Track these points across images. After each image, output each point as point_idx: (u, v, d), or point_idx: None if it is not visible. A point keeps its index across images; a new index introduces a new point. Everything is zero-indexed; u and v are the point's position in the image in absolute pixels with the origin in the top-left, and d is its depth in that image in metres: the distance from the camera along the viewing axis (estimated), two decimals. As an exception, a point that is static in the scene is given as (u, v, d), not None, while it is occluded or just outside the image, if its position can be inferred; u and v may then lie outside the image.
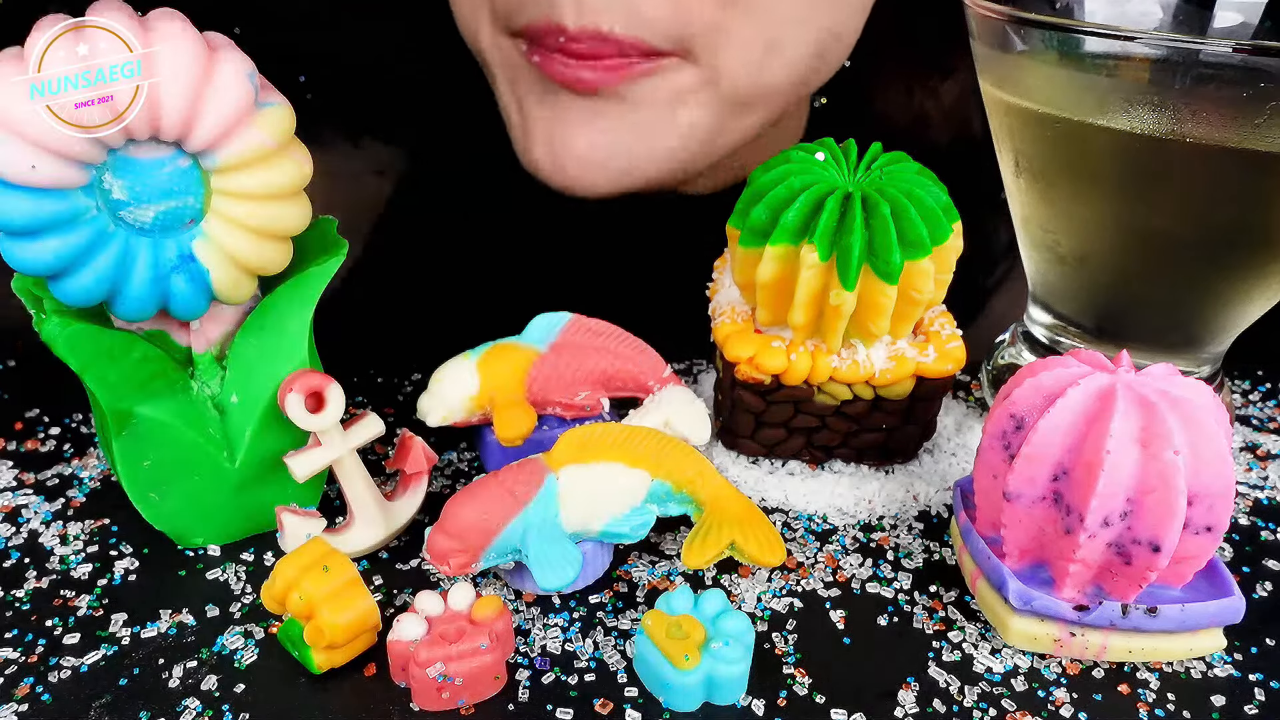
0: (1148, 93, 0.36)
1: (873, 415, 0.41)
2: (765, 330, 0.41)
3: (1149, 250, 0.41)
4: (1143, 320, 0.43)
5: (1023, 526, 0.33)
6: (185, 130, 0.31)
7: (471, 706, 0.32)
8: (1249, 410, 0.49)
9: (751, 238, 0.38)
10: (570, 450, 0.36)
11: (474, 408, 0.41)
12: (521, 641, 0.34)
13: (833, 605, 0.36)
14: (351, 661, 0.33)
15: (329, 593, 0.32)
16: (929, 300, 0.38)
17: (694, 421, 0.41)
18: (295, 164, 0.33)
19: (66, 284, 0.32)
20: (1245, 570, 0.39)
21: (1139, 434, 0.31)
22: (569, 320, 0.42)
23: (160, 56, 0.29)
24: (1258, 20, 0.43)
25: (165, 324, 0.36)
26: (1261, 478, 0.44)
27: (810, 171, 0.38)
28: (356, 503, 0.37)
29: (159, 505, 0.37)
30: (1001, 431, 0.34)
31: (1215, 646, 0.34)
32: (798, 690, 0.33)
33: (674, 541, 0.39)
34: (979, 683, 0.33)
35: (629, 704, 0.32)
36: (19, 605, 0.35)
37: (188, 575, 0.37)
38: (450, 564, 0.34)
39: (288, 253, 0.35)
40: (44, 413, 0.46)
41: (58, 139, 0.29)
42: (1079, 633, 0.33)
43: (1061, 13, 0.45)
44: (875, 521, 0.41)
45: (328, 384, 0.36)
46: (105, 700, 0.32)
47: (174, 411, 0.36)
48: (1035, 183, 0.42)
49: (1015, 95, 0.40)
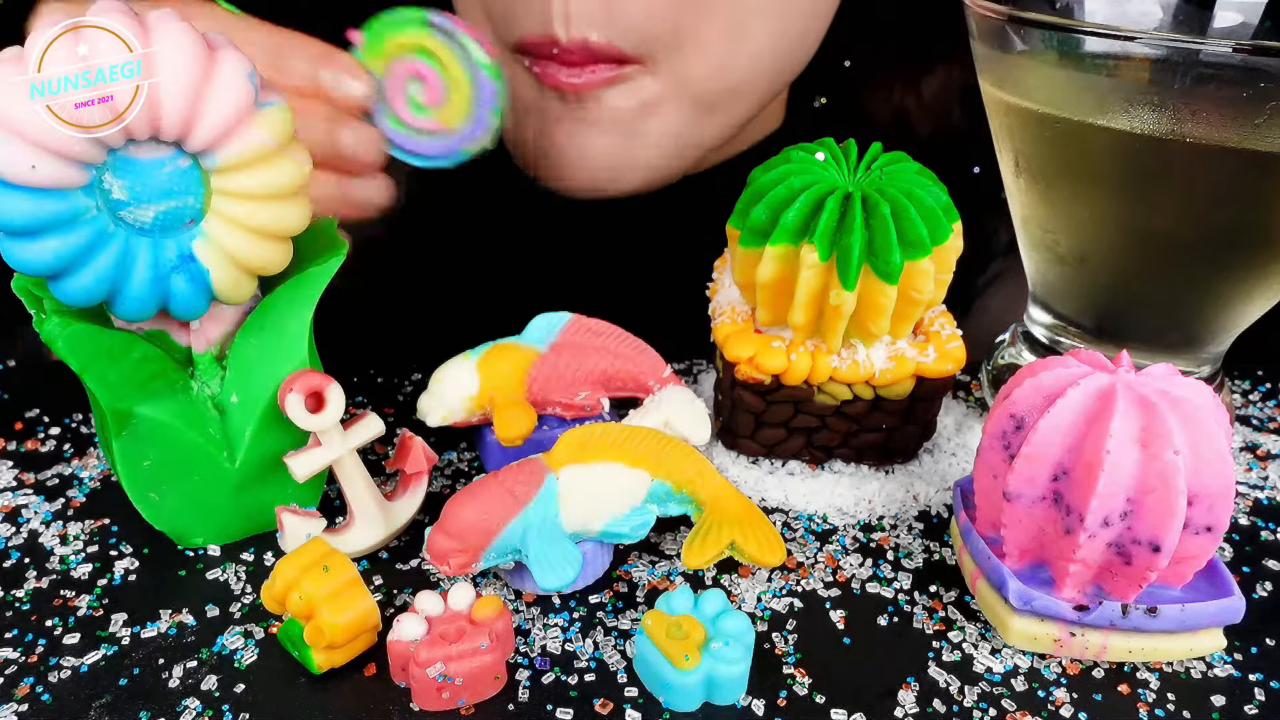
0: (1148, 93, 0.36)
1: (873, 415, 0.41)
2: (765, 330, 0.41)
3: (1149, 250, 0.41)
4: (1143, 320, 0.43)
5: (1023, 526, 0.33)
6: (185, 130, 0.31)
7: (471, 706, 0.32)
8: (1249, 410, 0.49)
9: (751, 238, 0.38)
10: (570, 450, 0.36)
11: (474, 408, 0.41)
12: (521, 641, 0.34)
13: (833, 605, 0.36)
14: (351, 661, 0.33)
15: (329, 593, 0.32)
16: (929, 300, 0.38)
17: (694, 421, 0.41)
18: (295, 164, 0.33)
19: (66, 284, 0.32)
20: (1245, 570, 0.39)
21: (1139, 434, 0.31)
22: (569, 320, 0.42)
23: (160, 56, 0.29)
24: (1258, 20, 0.43)
25: (165, 324, 0.36)
26: (1261, 478, 0.44)
27: (810, 171, 0.38)
28: (356, 503, 0.37)
29: (159, 505, 0.37)
30: (1001, 431, 0.34)
31: (1215, 646, 0.34)
32: (798, 690, 0.33)
33: (674, 541, 0.39)
34: (979, 683, 0.33)
35: (629, 704, 0.32)
36: (19, 605, 0.35)
37: (188, 575, 0.37)
38: (450, 564, 0.34)
39: (288, 253, 0.35)
40: (44, 413, 0.46)
41: (58, 139, 0.29)
42: (1079, 633, 0.33)
43: (1061, 13, 0.45)
44: (875, 521, 0.41)
45: (328, 384, 0.36)
46: (105, 700, 0.32)
47: (174, 411, 0.36)
48: (1035, 183, 0.42)
49: (1015, 95, 0.40)
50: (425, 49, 0.41)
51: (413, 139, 0.42)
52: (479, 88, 0.41)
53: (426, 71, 0.41)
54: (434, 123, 0.41)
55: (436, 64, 0.41)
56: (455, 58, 0.40)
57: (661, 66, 0.48)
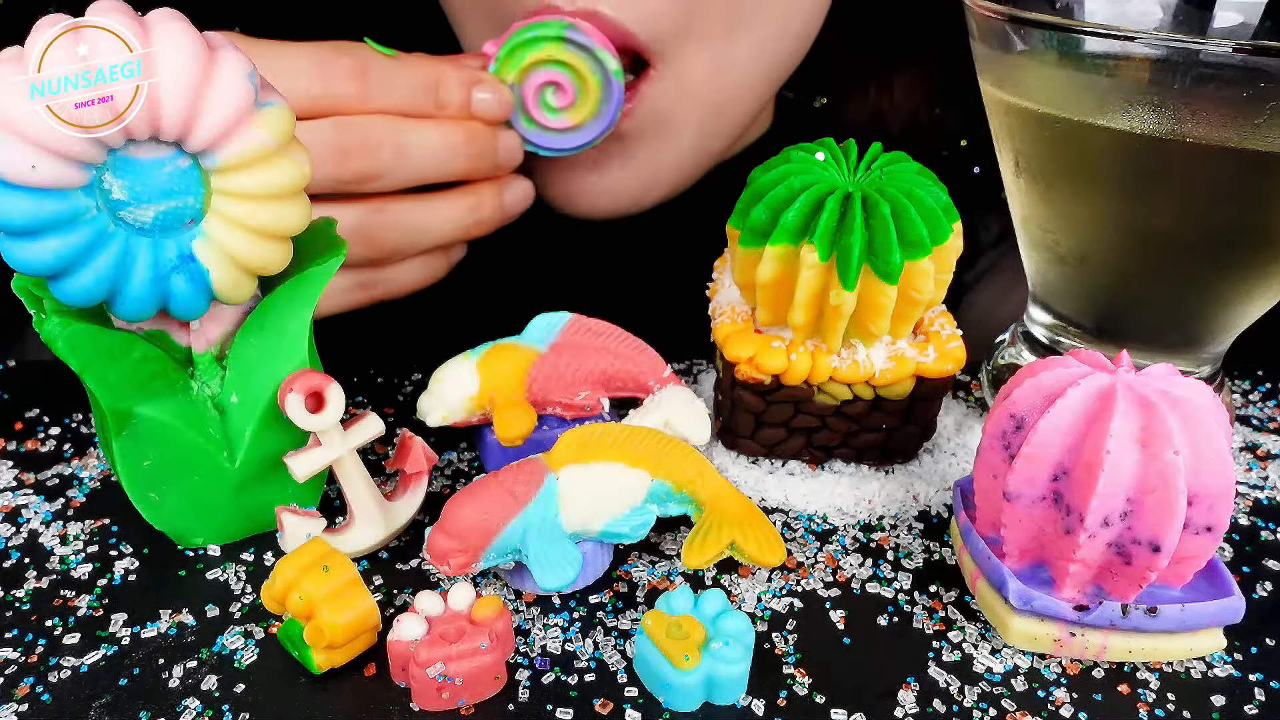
0: (1148, 93, 0.36)
1: (873, 415, 0.41)
2: (765, 330, 0.41)
3: (1149, 250, 0.41)
4: (1143, 320, 0.43)
5: (1023, 526, 0.33)
6: (185, 130, 0.31)
7: (471, 706, 0.32)
8: (1249, 410, 0.49)
9: (751, 238, 0.38)
10: (570, 450, 0.36)
11: (474, 408, 0.41)
12: (521, 641, 0.34)
13: (833, 605, 0.36)
14: (351, 661, 0.33)
15: (329, 593, 0.32)
16: (929, 300, 0.38)
17: (694, 421, 0.41)
18: (295, 164, 0.33)
19: (66, 284, 0.32)
20: (1245, 570, 0.39)
21: (1139, 434, 0.31)
22: (569, 320, 0.42)
23: (160, 56, 0.29)
24: (1258, 20, 0.43)
25: (165, 324, 0.36)
26: (1261, 478, 0.44)
27: (810, 171, 0.38)
28: (356, 503, 0.37)
29: (159, 505, 0.37)
30: (1001, 431, 0.34)
31: (1215, 646, 0.34)
32: (798, 690, 0.33)
33: (674, 541, 0.39)
34: (979, 683, 0.33)
35: (629, 704, 0.32)
36: (19, 605, 0.35)
37: (188, 575, 0.37)
38: (450, 564, 0.34)
39: (288, 253, 0.35)
40: (44, 413, 0.46)
41: (58, 139, 0.29)
42: (1079, 633, 0.33)
43: (1061, 13, 0.45)
44: (875, 521, 0.41)
45: (328, 384, 0.36)
46: (105, 700, 0.32)
47: (174, 411, 0.36)
48: (1035, 183, 0.42)
49: (1015, 95, 0.40)
50: (561, 61, 0.44)
51: (544, 135, 0.46)
52: (609, 90, 0.45)
53: (562, 80, 0.44)
54: (566, 121, 0.46)
55: (571, 72, 0.44)
56: (589, 67, 0.44)
57: (668, 67, 0.47)
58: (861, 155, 0.39)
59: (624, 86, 0.45)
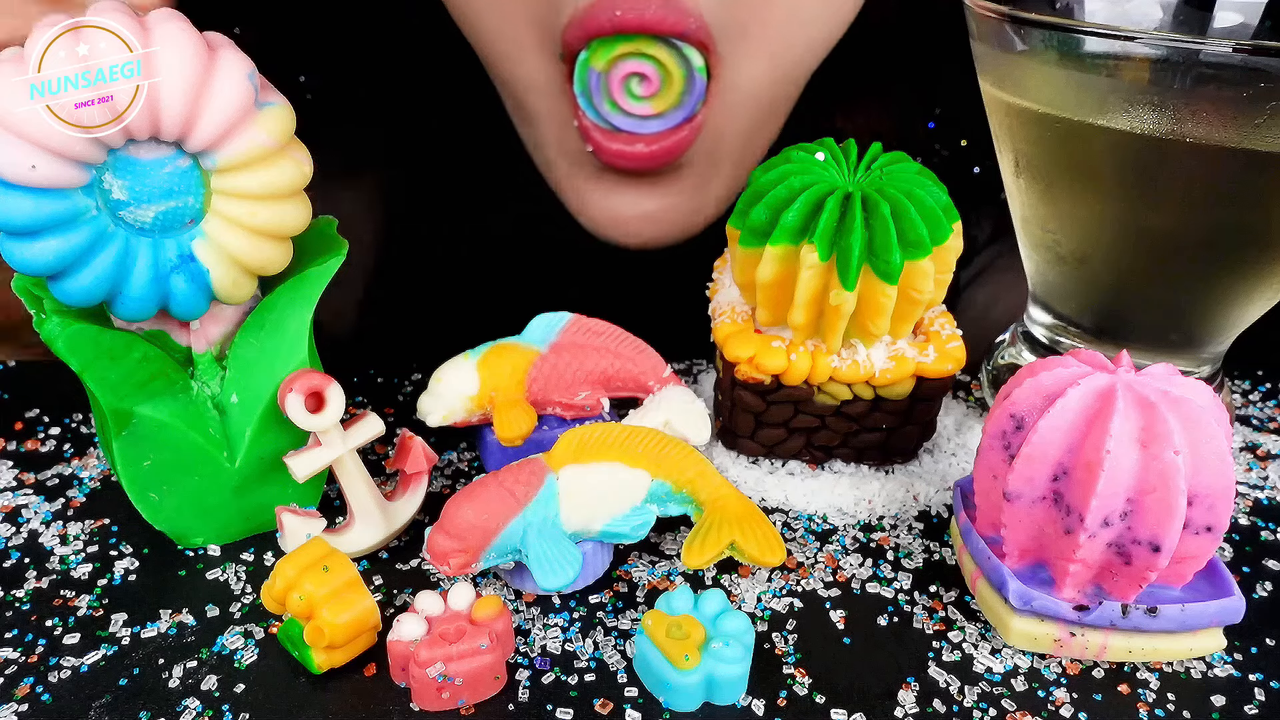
0: (1148, 93, 0.36)
1: (873, 415, 0.41)
2: (765, 330, 0.41)
3: (1149, 250, 0.41)
4: (1143, 320, 0.43)
5: (1023, 526, 0.33)
6: (185, 130, 0.31)
7: (471, 706, 0.32)
8: (1249, 410, 0.49)
9: (751, 238, 0.38)
10: (570, 450, 0.36)
11: (474, 408, 0.41)
12: (521, 641, 0.34)
13: (833, 605, 0.36)
14: (351, 661, 0.33)
15: (329, 593, 0.32)
16: (929, 300, 0.38)
17: (694, 421, 0.41)
18: (295, 164, 0.33)
19: (66, 284, 0.32)
20: (1245, 570, 0.39)
21: (1139, 434, 0.31)
22: (569, 320, 0.42)
23: (160, 56, 0.29)
24: (1258, 20, 0.43)
25: (165, 324, 0.36)
26: (1261, 478, 0.44)
27: (810, 171, 0.38)
28: (356, 503, 0.37)
29: (159, 505, 0.37)
30: (1001, 431, 0.34)
31: (1215, 646, 0.34)
32: (798, 690, 0.33)
33: (674, 541, 0.39)
34: (979, 683, 0.33)
35: (629, 704, 0.32)
36: (19, 605, 0.35)
37: (188, 575, 0.37)
38: (450, 564, 0.34)
39: (288, 253, 0.35)
40: (44, 413, 0.46)
41: (58, 139, 0.29)
42: (1079, 633, 0.33)
43: (1061, 13, 0.45)
44: (875, 521, 0.41)
45: (328, 384, 0.36)
46: (105, 700, 0.32)
47: (174, 411, 0.36)
48: (1035, 183, 0.42)
49: (1015, 95, 0.40)
50: (648, 54, 0.45)
51: (625, 120, 0.47)
52: (691, 83, 0.46)
53: (648, 71, 0.45)
54: (648, 109, 0.47)
55: (657, 65, 0.45)
56: (675, 61, 0.45)
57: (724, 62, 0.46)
58: (861, 155, 0.39)
59: (705, 81, 0.46)
